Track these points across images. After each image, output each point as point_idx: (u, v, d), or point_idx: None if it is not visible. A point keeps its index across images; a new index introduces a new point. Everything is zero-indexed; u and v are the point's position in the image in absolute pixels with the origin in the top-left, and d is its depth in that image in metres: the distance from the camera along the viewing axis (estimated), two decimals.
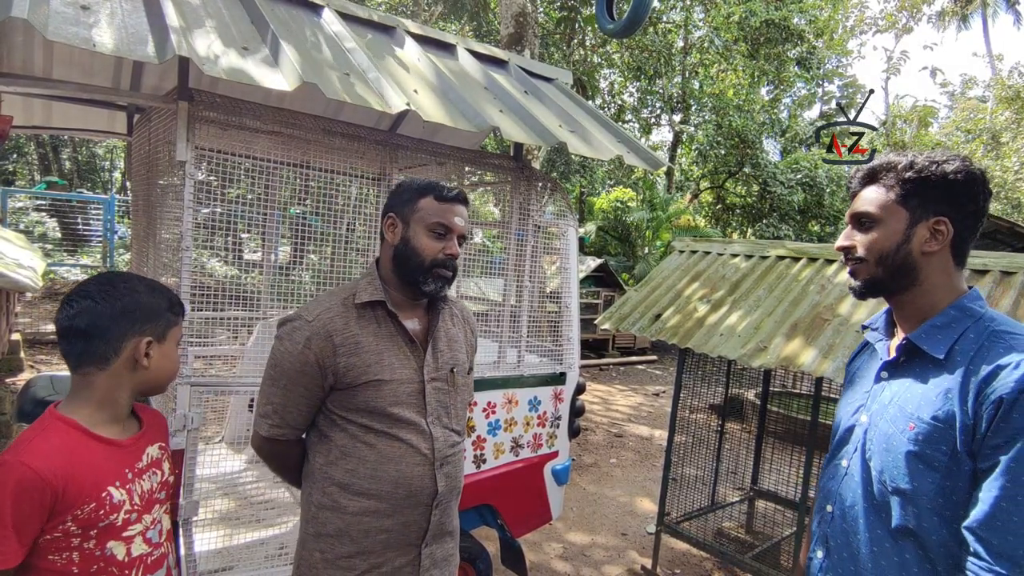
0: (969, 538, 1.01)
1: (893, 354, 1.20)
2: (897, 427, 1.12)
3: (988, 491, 0.99)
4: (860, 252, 1.19)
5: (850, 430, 1.24)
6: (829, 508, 1.25)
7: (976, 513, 1.01)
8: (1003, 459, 0.98)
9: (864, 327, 1.36)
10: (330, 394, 1.40)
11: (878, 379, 1.22)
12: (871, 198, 1.18)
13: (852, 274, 1.22)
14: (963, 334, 1.10)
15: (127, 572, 1.20)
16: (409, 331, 1.44)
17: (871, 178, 1.20)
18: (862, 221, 1.19)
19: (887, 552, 1.12)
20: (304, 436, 1.49)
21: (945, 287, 1.15)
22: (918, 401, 1.10)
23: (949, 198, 1.11)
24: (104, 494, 1.15)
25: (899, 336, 1.22)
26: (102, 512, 1.14)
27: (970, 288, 1.17)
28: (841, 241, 1.24)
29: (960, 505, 1.04)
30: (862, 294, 1.22)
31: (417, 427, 1.42)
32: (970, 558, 1.01)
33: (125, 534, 1.19)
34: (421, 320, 1.50)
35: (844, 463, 1.23)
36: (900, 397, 1.15)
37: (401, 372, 1.41)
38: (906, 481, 1.08)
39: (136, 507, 1.22)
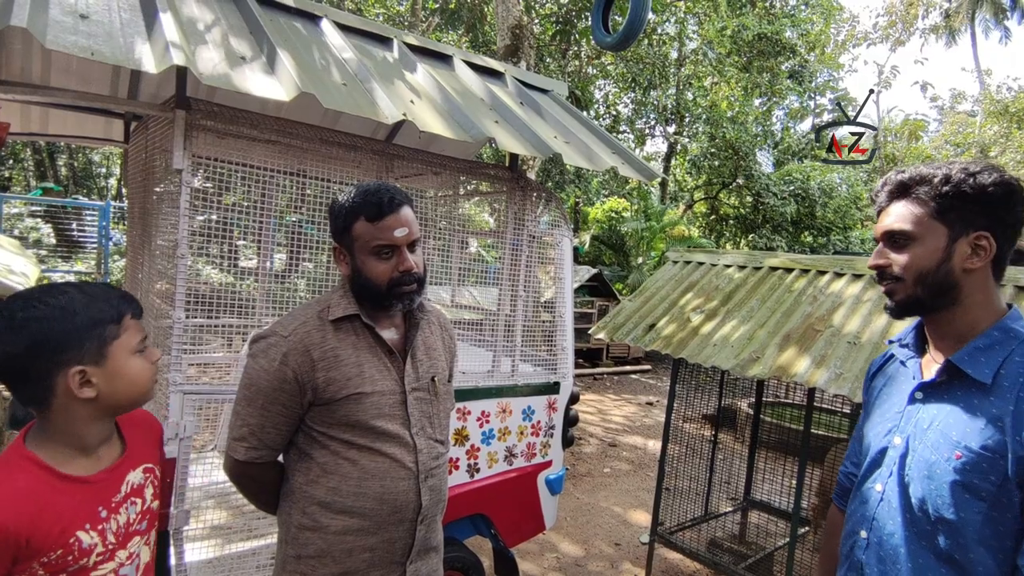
0: None
1: (931, 375, 1.14)
2: (940, 454, 1.06)
3: None
4: (897, 271, 1.12)
5: (883, 452, 1.18)
6: (863, 534, 1.18)
7: None
8: None
9: (891, 342, 1.29)
10: (309, 410, 1.35)
11: (912, 400, 1.15)
12: (905, 214, 1.11)
13: (888, 294, 1.16)
14: (1008, 357, 1.04)
15: None
16: (387, 341, 1.41)
17: (901, 192, 1.13)
18: (896, 239, 1.12)
19: None
20: (281, 456, 1.43)
21: (985, 305, 1.10)
22: (963, 428, 1.04)
23: (988, 212, 1.06)
24: (72, 540, 1.06)
25: (932, 354, 1.17)
26: (70, 558, 1.07)
27: (1009, 307, 1.12)
28: (875, 260, 1.16)
29: (1007, 536, 1.00)
30: (899, 314, 1.16)
31: (401, 439, 1.38)
32: None
33: (95, 574, 1.12)
34: (399, 330, 1.47)
35: (878, 487, 1.16)
36: (941, 422, 1.08)
37: (382, 384, 1.37)
38: (951, 512, 1.03)
39: (110, 546, 1.13)
